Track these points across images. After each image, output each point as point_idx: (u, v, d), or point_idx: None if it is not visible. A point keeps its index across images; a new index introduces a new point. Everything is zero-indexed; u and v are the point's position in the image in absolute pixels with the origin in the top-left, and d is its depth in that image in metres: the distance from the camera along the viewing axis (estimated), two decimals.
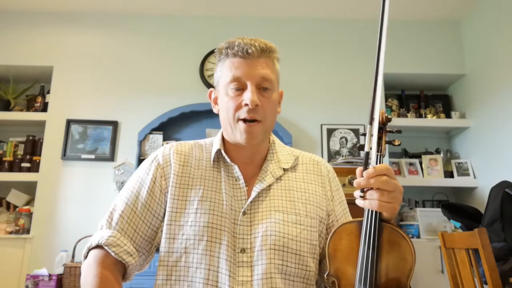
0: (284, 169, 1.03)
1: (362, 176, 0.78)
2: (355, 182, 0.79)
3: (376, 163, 0.81)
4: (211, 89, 1.07)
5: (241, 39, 0.97)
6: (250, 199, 0.95)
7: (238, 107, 0.95)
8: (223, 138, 1.04)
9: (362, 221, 0.80)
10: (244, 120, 0.95)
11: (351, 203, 0.95)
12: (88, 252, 0.93)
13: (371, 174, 0.77)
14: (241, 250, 0.90)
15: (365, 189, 0.78)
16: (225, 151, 1.01)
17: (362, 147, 0.82)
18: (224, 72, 0.98)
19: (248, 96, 0.93)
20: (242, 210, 0.94)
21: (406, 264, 0.77)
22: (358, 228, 0.81)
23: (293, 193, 0.99)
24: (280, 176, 1.01)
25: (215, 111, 1.05)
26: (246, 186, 0.98)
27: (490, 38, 3.09)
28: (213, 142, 1.06)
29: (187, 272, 0.90)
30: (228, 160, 1.00)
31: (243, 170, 1.00)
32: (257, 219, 0.93)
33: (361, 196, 0.78)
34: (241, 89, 0.95)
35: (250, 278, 0.87)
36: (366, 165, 0.79)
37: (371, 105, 0.81)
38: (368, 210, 0.79)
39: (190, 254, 0.90)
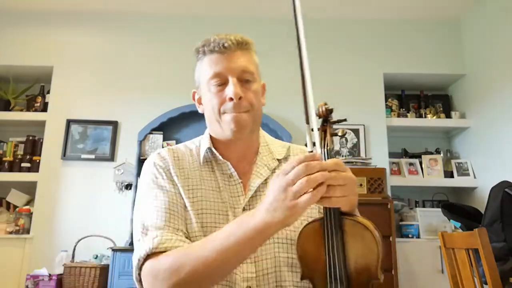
0: (278, 160, 1.01)
1: None
2: None
3: (324, 160, 0.79)
4: (194, 90, 1.06)
5: (216, 35, 0.97)
6: (249, 195, 0.93)
7: (222, 102, 0.93)
8: (211, 138, 1.01)
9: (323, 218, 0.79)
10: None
11: None
12: (141, 268, 0.83)
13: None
14: None
15: None
16: (215, 149, 0.99)
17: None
18: (204, 70, 0.98)
19: (231, 89, 0.91)
20: (242, 207, 0.92)
21: (373, 254, 0.76)
22: (321, 226, 0.80)
23: None
24: (275, 168, 0.99)
25: (200, 111, 1.04)
26: (241, 182, 0.96)
27: (490, 38, 3.09)
28: (201, 143, 1.02)
29: None
30: (220, 157, 0.97)
31: (236, 167, 0.97)
32: None
33: None
34: (222, 84, 0.94)
35: (254, 274, 0.86)
36: None
37: (304, 103, 0.77)
38: (326, 207, 0.78)
39: None
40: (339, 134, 0.88)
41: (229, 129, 0.93)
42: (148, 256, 0.82)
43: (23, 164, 3.16)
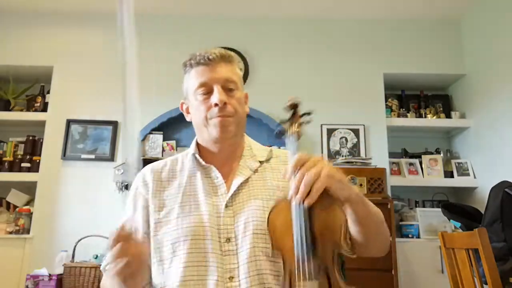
0: (260, 161, 1.10)
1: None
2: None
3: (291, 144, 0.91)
4: (182, 100, 1.14)
5: (202, 50, 1.07)
6: (230, 193, 1.00)
7: (208, 108, 1.02)
8: (198, 145, 1.11)
9: None
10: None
11: None
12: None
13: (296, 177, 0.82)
14: (226, 240, 0.94)
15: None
16: (201, 156, 1.08)
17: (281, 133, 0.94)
18: (191, 81, 1.07)
19: (216, 96, 1.01)
20: (224, 204, 0.99)
21: (336, 224, 0.83)
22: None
23: (270, 181, 1.05)
24: (257, 168, 1.08)
25: (188, 119, 1.13)
26: (225, 182, 1.03)
27: (490, 38, 3.09)
28: (188, 152, 1.12)
29: (178, 273, 0.93)
30: (203, 162, 1.06)
31: (221, 170, 1.05)
32: (239, 209, 0.98)
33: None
34: (208, 92, 1.03)
35: (236, 264, 0.92)
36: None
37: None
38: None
39: (177, 257, 0.95)
40: (305, 122, 0.97)
41: (215, 131, 1.02)
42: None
43: (23, 164, 3.16)
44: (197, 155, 1.08)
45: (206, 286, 0.90)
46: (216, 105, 1.00)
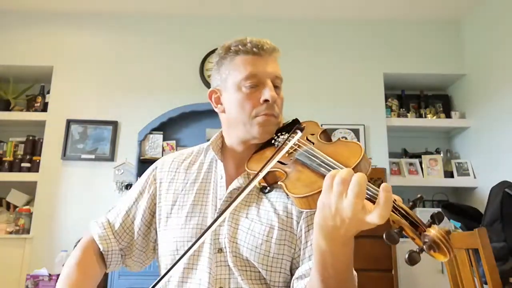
0: None
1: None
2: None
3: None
4: (212, 89, 1.00)
5: (250, 38, 0.96)
6: (223, 198, 0.93)
7: (255, 104, 0.91)
8: (222, 139, 1.03)
9: None
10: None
11: None
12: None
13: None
14: (218, 250, 0.89)
15: None
16: (222, 151, 1.01)
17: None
18: (235, 69, 0.93)
19: (268, 92, 0.90)
20: (218, 210, 0.93)
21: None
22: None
23: (269, 199, 0.93)
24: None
25: (218, 111, 1.00)
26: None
27: (490, 38, 3.09)
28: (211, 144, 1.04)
29: (177, 273, 0.92)
30: (215, 155, 1.00)
31: (235, 171, 0.98)
32: (230, 220, 0.91)
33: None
34: (256, 86, 0.91)
35: (228, 276, 0.88)
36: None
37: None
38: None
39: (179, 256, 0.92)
40: None
41: (256, 130, 0.92)
42: None
43: (23, 164, 3.16)
44: (211, 148, 1.00)
45: None
46: (266, 101, 0.90)
